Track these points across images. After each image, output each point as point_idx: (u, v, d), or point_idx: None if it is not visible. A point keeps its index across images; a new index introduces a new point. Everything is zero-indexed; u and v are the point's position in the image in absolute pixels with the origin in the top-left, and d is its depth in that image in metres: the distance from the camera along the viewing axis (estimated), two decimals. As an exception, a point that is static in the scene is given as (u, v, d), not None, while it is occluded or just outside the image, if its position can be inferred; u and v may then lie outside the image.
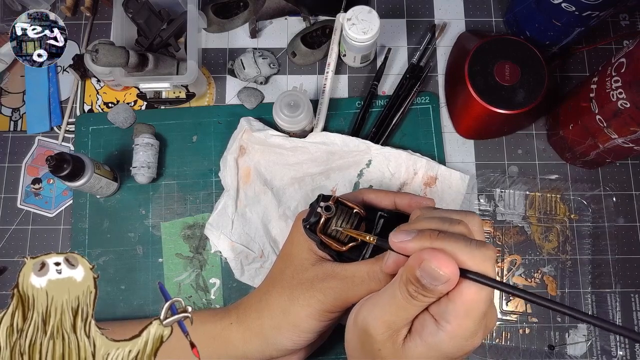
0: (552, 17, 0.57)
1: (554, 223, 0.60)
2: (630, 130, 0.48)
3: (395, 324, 0.31)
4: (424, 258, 0.29)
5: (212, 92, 0.64)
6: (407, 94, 0.61)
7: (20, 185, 0.61)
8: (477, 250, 0.29)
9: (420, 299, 0.30)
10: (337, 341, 0.53)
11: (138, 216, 0.60)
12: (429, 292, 0.29)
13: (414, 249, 0.30)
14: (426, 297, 0.30)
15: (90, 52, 0.52)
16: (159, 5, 0.59)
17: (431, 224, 0.32)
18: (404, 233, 0.31)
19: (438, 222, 0.32)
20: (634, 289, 0.58)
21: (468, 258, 0.29)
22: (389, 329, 0.31)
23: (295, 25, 0.66)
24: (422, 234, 0.30)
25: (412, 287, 0.30)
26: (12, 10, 0.64)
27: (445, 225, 0.31)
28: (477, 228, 0.33)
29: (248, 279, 0.57)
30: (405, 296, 0.30)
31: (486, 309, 0.29)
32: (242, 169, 0.59)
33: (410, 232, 0.31)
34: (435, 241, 0.29)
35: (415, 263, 0.29)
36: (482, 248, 0.29)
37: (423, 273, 0.29)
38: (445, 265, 0.28)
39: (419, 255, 0.29)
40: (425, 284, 0.29)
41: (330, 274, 0.40)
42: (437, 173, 0.58)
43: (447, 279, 0.28)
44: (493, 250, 0.29)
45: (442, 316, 0.30)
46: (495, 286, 0.28)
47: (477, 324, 0.29)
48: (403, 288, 0.30)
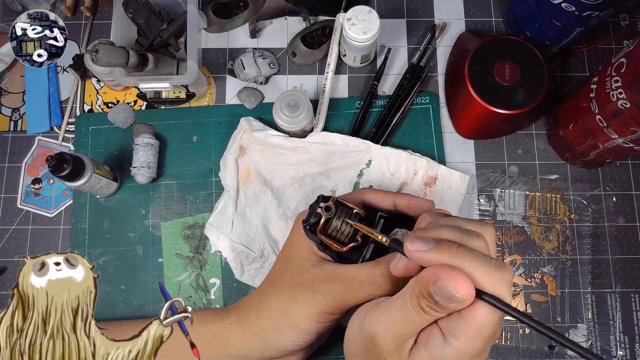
0: (552, 17, 0.57)
1: (554, 223, 0.60)
2: (630, 130, 0.48)
3: (403, 336, 0.31)
4: (441, 277, 0.27)
5: (212, 92, 0.64)
6: (407, 94, 0.61)
7: (20, 185, 0.61)
8: (496, 272, 0.28)
9: (431, 313, 0.29)
10: (337, 342, 0.52)
11: (138, 216, 0.60)
12: (441, 309, 0.28)
13: (431, 261, 0.29)
14: (438, 313, 0.29)
15: (90, 52, 0.52)
16: (159, 5, 0.59)
17: (450, 234, 0.30)
18: (421, 241, 0.29)
19: (457, 233, 0.30)
20: (634, 289, 0.58)
21: (486, 279, 0.28)
22: (397, 340, 0.31)
23: (295, 25, 0.66)
24: (441, 246, 0.29)
25: (424, 302, 0.29)
26: (12, 10, 0.65)
27: (464, 238, 0.30)
28: (492, 241, 0.32)
29: (248, 279, 0.57)
30: (417, 310, 0.29)
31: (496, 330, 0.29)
32: (242, 169, 0.59)
33: (428, 241, 0.29)
34: (454, 257, 0.28)
35: (431, 279, 0.28)
36: (501, 270, 0.28)
37: (438, 291, 0.28)
38: (462, 287, 0.27)
39: (435, 272, 0.28)
40: (438, 301, 0.28)
41: (330, 276, 0.40)
42: (437, 173, 0.58)
43: (462, 300, 0.27)
44: (511, 272, 0.29)
45: (450, 332, 0.29)
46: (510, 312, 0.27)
47: (486, 344, 0.29)
48: (415, 301, 0.29)
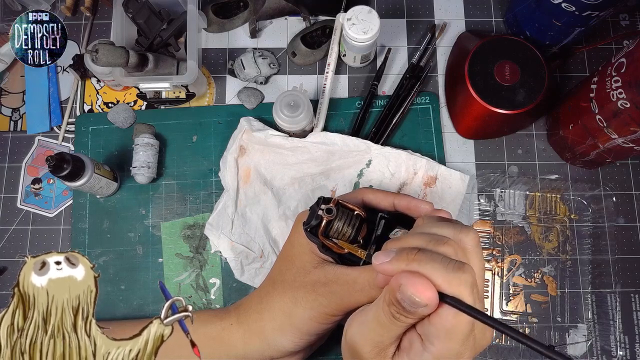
0: (552, 17, 0.57)
1: (554, 223, 0.60)
2: (630, 130, 0.48)
3: (381, 343, 0.31)
4: (401, 282, 0.28)
5: (212, 92, 0.64)
6: (407, 94, 0.61)
7: (20, 185, 0.61)
8: (453, 274, 0.28)
9: (402, 319, 0.30)
10: (336, 342, 0.52)
11: (138, 216, 0.60)
12: (410, 314, 0.29)
13: (392, 271, 0.30)
14: (408, 319, 0.29)
15: (90, 52, 0.52)
16: (159, 5, 0.59)
17: (416, 241, 0.31)
18: (383, 254, 0.31)
19: (424, 240, 0.31)
20: (634, 289, 0.58)
21: (444, 282, 0.28)
22: (376, 347, 0.31)
23: (295, 25, 0.66)
24: (400, 255, 0.30)
25: (394, 309, 0.29)
26: (12, 10, 0.65)
27: (431, 244, 0.30)
28: (471, 244, 0.32)
29: (248, 279, 0.57)
30: (389, 317, 0.30)
31: (469, 331, 0.29)
32: (242, 169, 0.59)
33: (390, 252, 0.30)
34: (411, 263, 0.29)
35: (395, 286, 0.29)
36: (458, 272, 0.28)
37: (402, 296, 0.28)
38: (421, 291, 0.28)
39: (398, 279, 0.29)
40: (405, 307, 0.28)
41: (332, 279, 0.40)
42: (437, 173, 0.58)
43: (425, 305, 0.28)
44: (470, 273, 0.29)
45: (426, 337, 0.30)
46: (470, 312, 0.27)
47: (461, 345, 0.29)
48: (386, 309, 0.30)
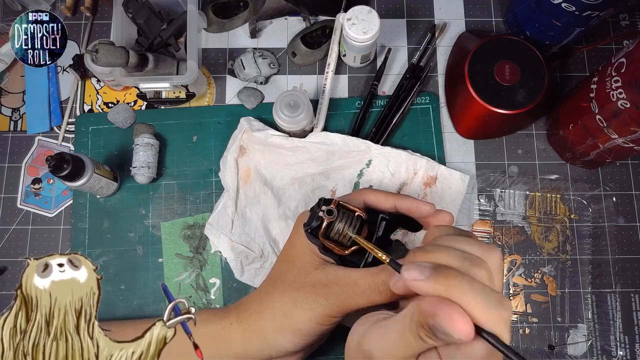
0: (552, 17, 0.57)
1: (554, 223, 0.60)
2: (630, 130, 0.48)
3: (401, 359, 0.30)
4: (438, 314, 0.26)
5: (212, 92, 0.64)
6: (407, 94, 0.61)
7: (20, 185, 0.61)
8: (494, 310, 0.26)
9: (429, 342, 0.28)
10: (337, 342, 0.53)
11: (138, 216, 0.60)
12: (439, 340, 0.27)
13: (428, 291, 0.28)
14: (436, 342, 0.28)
15: (90, 52, 0.52)
16: (159, 5, 0.59)
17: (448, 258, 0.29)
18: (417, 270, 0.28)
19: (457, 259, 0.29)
20: (634, 289, 0.58)
21: (484, 316, 0.26)
22: None
23: (295, 25, 0.66)
24: (438, 276, 0.28)
25: (423, 332, 0.28)
26: (12, 10, 0.64)
27: (466, 265, 0.29)
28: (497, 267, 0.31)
29: (248, 279, 0.57)
30: (416, 337, 0.28)
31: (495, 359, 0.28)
32: (242, 169, 0.59)
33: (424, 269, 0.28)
34: (452, 289, 0.27)
35: (429, 313, 0.27)
36: (499, 307, 0.27)
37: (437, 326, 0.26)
38: (460, 328, 0.26)
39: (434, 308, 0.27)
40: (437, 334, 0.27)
41: (333, 280, 0.40)
42: (437, 173, 0.59)
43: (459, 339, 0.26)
44: (509, 310, 0.27)
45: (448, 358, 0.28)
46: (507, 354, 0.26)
47: None
48: (414, 330, 0.28)
